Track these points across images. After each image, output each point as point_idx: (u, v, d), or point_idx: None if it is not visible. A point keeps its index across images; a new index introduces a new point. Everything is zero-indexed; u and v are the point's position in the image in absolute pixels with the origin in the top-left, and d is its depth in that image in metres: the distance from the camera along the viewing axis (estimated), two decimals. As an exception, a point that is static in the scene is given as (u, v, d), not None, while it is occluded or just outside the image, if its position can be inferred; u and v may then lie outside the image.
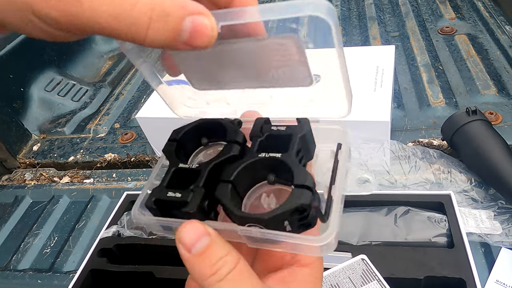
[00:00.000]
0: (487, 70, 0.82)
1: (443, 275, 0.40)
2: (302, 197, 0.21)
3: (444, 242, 0.45)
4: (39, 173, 0.85)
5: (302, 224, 0.22)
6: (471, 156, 0.61)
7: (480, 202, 0.58)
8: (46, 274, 0.64)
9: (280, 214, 0.21)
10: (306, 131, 0.25)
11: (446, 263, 0.41)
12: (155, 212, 0.24)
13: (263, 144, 0.26)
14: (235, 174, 0.24)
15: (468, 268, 0.40)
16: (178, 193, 0.24)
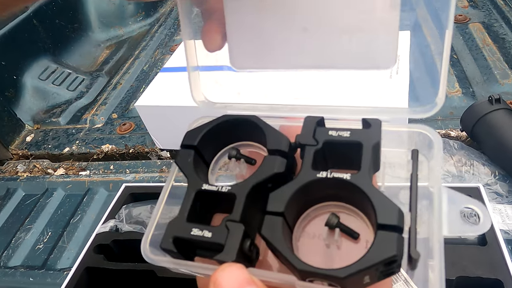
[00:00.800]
0: (505, 58, 0.78)
1: (477, 275, 0.36)
2: (391, 244, 0.16)
3: (475, 239, 0.41)
4: (32, 165, 0.81)
5: (383, 273, 0.17)
6: (495, 148, 0.57)
7: (505, 197, 0.54)
8: (38, 271, 0.60)
9: (363, 269, 0.16)
10: (379, 138, 0.19)
11: (480, 262, 0.37)
12: (175, 254, 0.19)
13: (319, 155, 0.19)
14: (287, 203, 0.18)
15: (504, 267, 0.37)
16: (207, 231, 0.18)
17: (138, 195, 0.54)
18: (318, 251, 0.19)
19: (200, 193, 0.19)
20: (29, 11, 0.99)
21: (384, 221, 0.16)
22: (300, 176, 0.18)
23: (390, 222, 0.16)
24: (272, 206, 0.18)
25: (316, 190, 0.19)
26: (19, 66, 0.96)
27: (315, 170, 0.18)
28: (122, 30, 1.21)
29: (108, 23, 1.20)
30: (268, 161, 0.19)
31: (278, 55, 0.20)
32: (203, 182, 0.20)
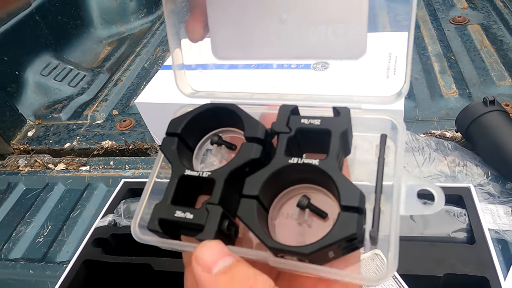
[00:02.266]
0: (502, 60, 0.79)
1: (464, 272, 0.37)
2: (351, 223, 0.17)
3: (463, 238, 0.42)
4: (33, 160, 0.82)
5: (348, 250, 0.18)
6: (488, 149, 0.58)
7: (497, 197, 0.55)
8: (38, 264, 0.61)
9: (326, 246, 0.17)
10: (347, 126, 0.20)
11: (467, 260, 0.38)
12: (161, 234, 0.20)
13: (292, 142, 0.21)
14: (261, 187, 0.19)
15: (491, 266, 0.38)
16: (189, 213, 0.19)
17: (136, 191, 0.55)
18: (291, 229, 0.20)
19: (183, 178, 0.21)
20: (32, 7, 1.00)
21: (346, 203, 0.18)
22: (274, 162, 0.20)
23: (352, 203, 0.18)
24: (247, 190, 0.19)
25: (289, 174, 0.20)
26: (21, 62, 0.97)
27: (288, 156, 0.20)
28: (124, 27, 1.22)
29: (110, 20, 1.21)
30: (245, 147, 0.21)
31: (257, 46, 0.21)
32: (186, 168, 0.21)
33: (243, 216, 0.19)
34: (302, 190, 0.21)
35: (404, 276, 0.38)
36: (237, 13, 0.21)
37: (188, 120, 0.23)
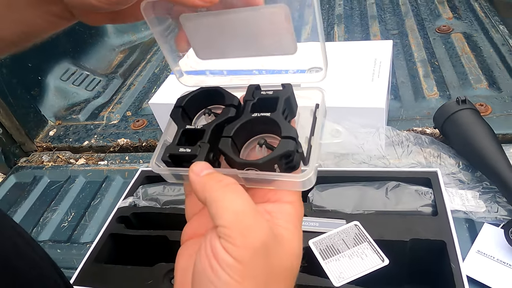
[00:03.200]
0: (480, 66, 0.87)
1: (426, 238, 0.45)
2: (288, 145, 0.26)
3: (429, 211, 0.50)
4: (55, 156, 0.91)
5: (289, 167, 0.27)
6: (460, 142, 0.65)
7: (466, 183, 0.63)
8: (64, 244, 0.69)
9: (271, 159, 0.26)
10: (289, 94, 0.30)
11: (430, 228, 0.46)
12: (169, 164, 0.29)
13: (255, 106, 0.31)
14: (234, 131, 0.29)
15: (449, 232, 0.45)
16: (188, 149, 0.29)
17: (152, 177, 0.64)
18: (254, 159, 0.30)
19: (184, 131, 0.30)
20: None
21: (285, 134, 0.27)
22: (242, 117, 0.30)
23: (288, 134, 0.27)
24: (225, 133, 0.29)
25: (252, 125, 0.29)
26: (43, 68, 1.06)
27: (251, 113, 0.30)
28: (135, 36, 1.32)
29: (122, 29, 1.31)
30: (225, 110, 0.31)
31: (225, 50, 0.31)
32: (185, 124, 0.31)
33: (222, 147, 0.28)
34: (263, 137, 0.30)
35: (378, 241, 0.46)
36: (207, 32, 0.31)
37: (189, 98, 0.32)
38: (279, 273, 0.26)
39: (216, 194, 0.25)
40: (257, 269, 0.24)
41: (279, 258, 0.25)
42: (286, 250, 0.26)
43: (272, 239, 0.25)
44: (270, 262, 0.25)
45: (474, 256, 0.53)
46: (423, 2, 1.16)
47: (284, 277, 0.26)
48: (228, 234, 0.24)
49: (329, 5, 1.25)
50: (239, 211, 0.24)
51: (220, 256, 0.24)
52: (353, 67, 0.74)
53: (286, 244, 0.26)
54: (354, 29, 1.11)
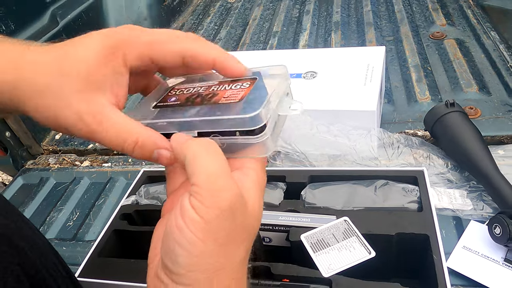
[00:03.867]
0: (471, 71, 0.90)
1: (411, 231, 0.48)
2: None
3: (415, 208, 0.52)
4: (61, 158, 0.94)
5: (247, 132, 0.29)
6: (449, 143, 0.68)
7: (454, 183, 0.65)
8: (70, 242, 0.72)
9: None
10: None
11: (415, 223, 0.49)
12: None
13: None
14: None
15: (432, 227, 0.48)
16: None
17: (153, 177, 0.67)
18: None
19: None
20: (59, 26, 1.14)
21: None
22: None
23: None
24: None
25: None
26: (49, 74, 1.09)
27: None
28: (139, 43, 1.35)
29: (126, 36, 1.35)
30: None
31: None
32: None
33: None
34: None
35: (365, 235, 0.48)
36: None
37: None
38: (240, 233, 0.28)
39: (194, 153, 0.27)
40: (221, 229, 0.26)
41: (242, 220, 0.27)
42: (249, 211, 0.28)
43: (239, 202, 0.27)
44: (234, 224, 0.27)
45: (460, 251, 0.56)
46: (418, 10, 1.19)
47: (243, 239, 0.28)
48: (199, 193, 0.26)
49: (327, 12, 1.29)
50: (213, 172, 0.26)
51: (187, 214, 0.26)
52: (346, 72, 0.77)
53: (250, 206, 0.28)
54: (350, 36, 1.14)
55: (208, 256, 0.26)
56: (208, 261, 0.26)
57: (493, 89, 0.84)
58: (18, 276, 0.34)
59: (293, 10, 1.35)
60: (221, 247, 0.26)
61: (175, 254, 0.26)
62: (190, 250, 0.25)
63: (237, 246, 0.27)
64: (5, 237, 0.35)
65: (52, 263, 0.41)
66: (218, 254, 0.26)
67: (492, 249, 0.55)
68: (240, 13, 1.41)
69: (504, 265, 0.53)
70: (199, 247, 0.25)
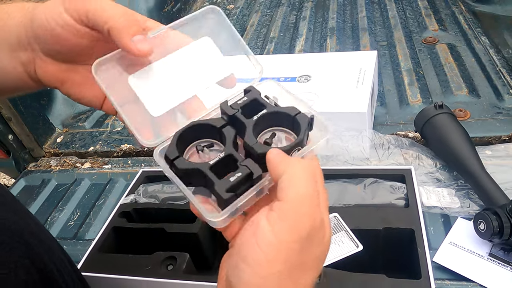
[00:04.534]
0: (461, 74, 0.93)
1: (397, 226, 0.50)
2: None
3: (402, 204, 0.54)
4: (63, 160, 0.97)
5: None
6: (437, 143, 0.70)
7: (443, 182, 0.67)
8: (71, 241, 0.74)
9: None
10: (257, 95, 0.34)
11: (401, 218, 0.51)
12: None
13: (244, 112, 0.33)
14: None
15: (418, 222, 0.50)
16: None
17: (152, 177, 0.69)
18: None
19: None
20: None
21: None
22: (248, 121, 0.33)
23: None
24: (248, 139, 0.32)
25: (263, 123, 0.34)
26: (51, 79, 1.12)
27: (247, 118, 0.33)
28: (139, 49, 1.38)
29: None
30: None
31: (174, 95, 0.35)
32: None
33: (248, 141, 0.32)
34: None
35: (354, 230, 0.50)
36: (154, 82, 0.34)
37: (177, 136, 0.33)
38: (311, 261, 0.27)
39: (292, 172, 0.26)
40: (293, 254, 0.25)
41: (316, 249, 0.26)
42: (325, 242, 0.27)
43: (318, 229, 0.26)
44: (308, 251, 0.26)
45: (447, 247, 0.58)
46: (411, 15, 1.22)
47: (313, 267, 0.27)
48: (282, 209, 0.25)
49: (323, 18, 1.32)
50: (303, 194, 0.26)
51: (261, 231, 0.24)
52: (339, 76, 0.80)
53: (327, 236, 0.28)
54: (345, 41, 1.17)
55: (276, 278, 0.25)
56: (274, 284, 0.25)
57: (482, 92, 0.86)
58: (28, 268, 0.36)
59: (290, 16, 1.38)
60: (290, 271, 0.25)
61: (240, 270, 0.25)
62: (256, 270, 0.25)
63: (305, 273, 0.27)
64: (16, 233, 0.37)
65: (59, 258, 0.43)
66: (286, 278, 0.25)
67: (478, 245, 0.57)
68: (238, 19, 1.44)
69: (489, 260, 0.55)
70: (267, 269, 0.25)
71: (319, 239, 0.27)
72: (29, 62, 0.37)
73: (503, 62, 0.93)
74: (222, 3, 1.57)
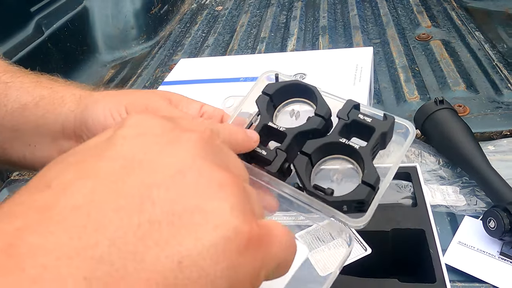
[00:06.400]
0: (458, 70, 0.91)
1: (407, 227, 0.47)
2: (365, 193, 0.27)
3: (409, 203, 0.52)
4: (48, 168, 0.92)
5: (355, 211, 0.27)
6: (439, 140, 0.68)
7: (447, 179, 0.65)
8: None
9: (344, 201, 0.27)
10: (388, 129, 0.29)
11: (410, 218, 0.48)
12: (240, 156, 0.27)
13: (347, 127, 0.29)
14: (314, 149, 0.28)
15: (427, 221, 0.47)
16: (264, 151, 0.29)
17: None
18: (325, 181, 0.29)
19: (265, 126, 0.30)
20: (44, 36, 1.12)
21: (367, 180, 0.27)
22: (329, 136, 0.29)
23: (370, 182, 0.27)
24: (305, 149, 0.28)
25: (336, 147, 0.29)
26: (35, 84, 1.08)
27: (339, 136, 0.29)
28: (126, 52, 1.35)
29: (113, 46, 1.34)
30: (313, 119, 0.30)
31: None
32: (269, 119, 0.30)
33: (297, 166, 0.28)
34: (340, 159, 0.30)
35: (361, 232, 0.48)
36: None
37: (278, 87, 0.32)
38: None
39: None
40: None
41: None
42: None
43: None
44: None
45: (456, 246, 0.56)
46: (403, 13, 1.21)
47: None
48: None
49: (314, 17, 1.30)
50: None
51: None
52: (335, 73, 0.77)
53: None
54: (338, 39, 1.15)
55: None
56: None
57: (480, 87, 0.85)
58: None
59: (280, 16, 1.36)
60: None
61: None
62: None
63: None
64: None
65: None
66: None
67: (487, 244, 0.55)
68: (227, 20, 1.41)
69: (500, 259, 0.53)
70: None
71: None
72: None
73: (499, 57, 0.92)
74: (210, 5, 1.54)
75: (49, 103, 0.35)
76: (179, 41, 1.33)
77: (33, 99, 0.35)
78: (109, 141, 0.20)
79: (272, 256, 0.19)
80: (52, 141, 0.35)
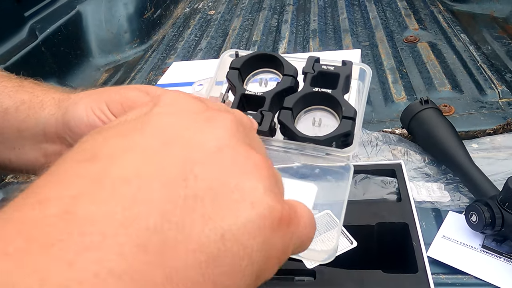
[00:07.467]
0: (444, 71, 0.94)
1: (391, 221, 0.49)
2: (349, 125, 0.30)
3: (394, 199, 0.54)
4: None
5: (343, 144, 0.30)
6: (425, 138, 0.70)
7: (432, 176, 0.67)
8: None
9: (333, 137, 0.30)
10: (349, 72, 0.33)
11: (394, 213, 0.50)
12: None
13: (314, 79, 0.33)
14: (294, 103, 0.32)
15: (411, 215, 0.50)
16: (249, 115, 0.31)
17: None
18: (309, 129, 0.32)
19: (243, 96, 0.33)
20: (38, 40, 1.14)
21: (347, 114, 0.30)
22: (303, 89, 0.32)
23: (350, 115, 0.30)
24: (286, 104, 0.31)
25: (311, 98, 0.32)
26: (29, 88, 1.09)
27: (311, 87, 0.32)
28: (119, 56, 1.36)
29: (107, 49, 1.35)
30: (285, 79, 0.33)
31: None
32: (244, 90, 0.33)
33: (283, 119, 0.31)
34: (317, 110, 0.33)
35: (346, 227, 0.49)
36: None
37: (245, 60, 0.35)
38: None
39: None
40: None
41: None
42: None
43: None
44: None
45: (440, 241, 0.58)
46: (391, 16, 1.23)
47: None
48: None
49: (305, 21, 1.32)
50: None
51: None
52: (324, 74, 0.80)
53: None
54: (328, 42, 1.18)
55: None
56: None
57: (465, 87, 0.87)
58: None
59: (271, 20, 1.38)
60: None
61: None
62: None
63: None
64: None
65: None
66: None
67: (470, 237, 0.57)
68: (220, 24, 1.43)
69: (482, 252, 0.55)
70: None
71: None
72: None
73: (483, 58, 0.95)
74: (203, 9, 1.56)
75: (29, 108, 0.36)
76: (172, 45, 1.35)
77: (14, 103, 0.36)
78: (147, 117, 0.21)
79: (299, 234, 0.20)
80: (35, 144, 0.36)
